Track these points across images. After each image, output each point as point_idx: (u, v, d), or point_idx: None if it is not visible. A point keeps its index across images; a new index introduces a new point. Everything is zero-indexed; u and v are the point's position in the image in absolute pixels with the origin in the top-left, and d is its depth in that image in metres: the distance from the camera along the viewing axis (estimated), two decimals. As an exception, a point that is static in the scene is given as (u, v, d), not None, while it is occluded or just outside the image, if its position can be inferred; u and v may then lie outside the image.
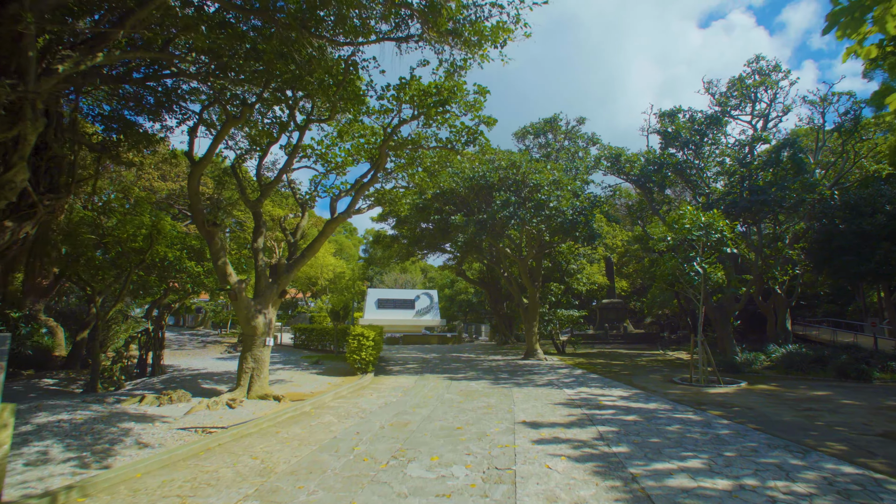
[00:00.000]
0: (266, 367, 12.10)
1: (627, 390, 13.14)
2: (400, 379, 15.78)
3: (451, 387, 13.75)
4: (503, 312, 34.22)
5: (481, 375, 16.70)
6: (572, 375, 16.79)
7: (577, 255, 26.47)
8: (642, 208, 22.12)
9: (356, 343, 16.34)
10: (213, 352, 26.06)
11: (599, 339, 34.90)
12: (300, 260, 13.23)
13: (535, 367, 19.48)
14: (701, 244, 14.95)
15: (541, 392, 12.71)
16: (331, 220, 13.26)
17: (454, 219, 18.50)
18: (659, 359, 23.70)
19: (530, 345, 23.38)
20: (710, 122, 18.46)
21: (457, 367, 19.77)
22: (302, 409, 10.08)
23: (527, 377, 16.23)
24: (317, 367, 18.47)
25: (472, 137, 14.67)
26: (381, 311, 50.47)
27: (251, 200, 13.30)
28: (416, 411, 10.02)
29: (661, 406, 10.66)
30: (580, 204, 19.11)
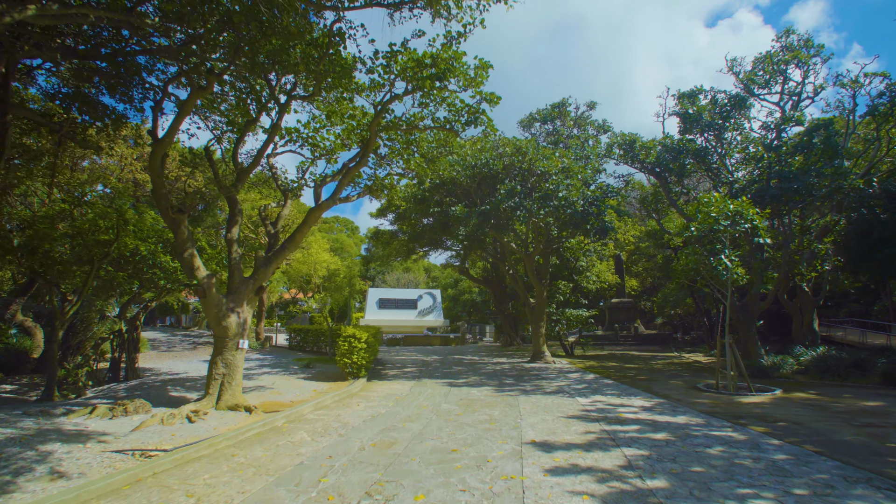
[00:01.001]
0: (239, 373, 10.68)
1: (649, 399, 11.62)
2: (394, 385, 14.33)
3: (450, 395, 12.28)
4: (508, 312, 32.73)
5: (484, 381, 15.23)
6: (584, 381, 15.28)
7: (586, 252, 24.91)
8: (657, 200, 20.57)
9: (347, 345, 14.91)
10: (202, 353, 24.72)
11: (609, 341, 33.31)
12: (280, 252, 11.81)
13: (542, 372, 17.98)
14: (728, 235, 13.41)
15: (551, 402, 11.21)
16: (314, 207, 11.83)
17: (455, 210, 17.04)
18: (675, 362, 22.13)
19: (537, 347, 21.88)
20: (733, 104, 16.88)
21: (458, 370, 18.30)
22: (273, 423, 8.64)
23: (534, 383, 14.74)
24: (306, 372, 17.06)
25: (473, 117, 13.21)
26: (383, 311, 49.11)
27: (225, 186, 11.90)
28: (407, 426, 8.56)
29: (692, 420, 9.14)
30: (592, 194, 17.60)
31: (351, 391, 12.60)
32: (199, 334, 33.79)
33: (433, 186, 19.12)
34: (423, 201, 19.71)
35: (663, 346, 31.62)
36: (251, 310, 11.42)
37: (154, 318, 43.33)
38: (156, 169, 10.08)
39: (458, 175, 17.91)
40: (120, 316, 15.63)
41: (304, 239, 15.11)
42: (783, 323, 24.77)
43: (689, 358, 23.78)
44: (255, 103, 12.29)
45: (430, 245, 29.42)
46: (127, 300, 15.76)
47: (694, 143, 18.03)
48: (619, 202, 19.27)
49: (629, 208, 40.53)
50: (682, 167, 18.09)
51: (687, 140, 17.76)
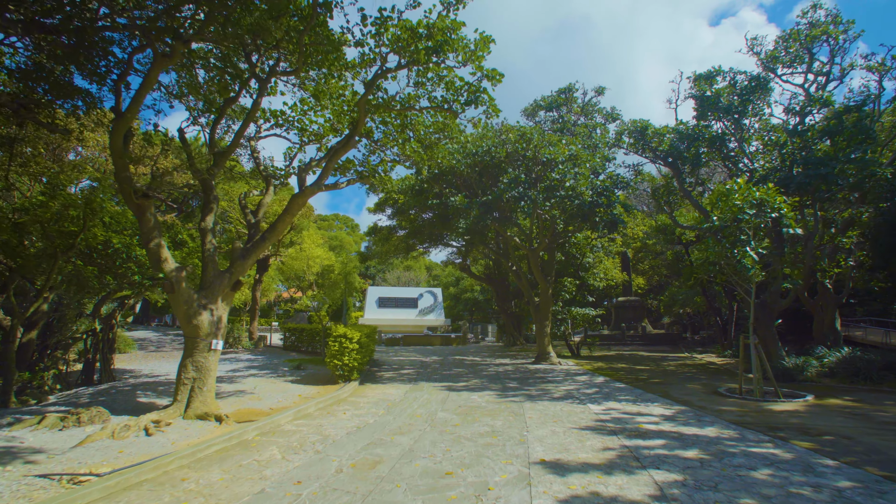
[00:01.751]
0: (211, 378, 9.57)
1: (668, 406, 10.46)
2: (388, 389, 13.20)
3: (449, 401, 11.14)
4: (511, 311, 31.58)
5: (486, 384, 14.09)
6: (594, 384, 14.13)
7: (593, 247, 23.73)
8: (669, 192, 19.39)
9: (337, 346, 13.80)
10: (192, 354, 23.65)
11: (616, 341, 32.12)
12: (259, 244, 10.69)
13: (548, 374, 16.83)
14: (752, 226, 12.24)
15: (560, 409, 10.06)
16: (297, 194, 10.70)
17: (454, 200, 15.90)
18: (688, 363, 20.94)
19: (542, 347, 20.72)
20: (754, 85, 15.68)
21: (458, 372, 17.17)
22: (243, 436, 7.52)
23: (540, 387, 13.59)
24: (295, 374, 15.95)
25: (473, 96, 12.07)
26: (383, 310, 48.04)
27: (199, 169, 10.78)
28: (396, 440, 7.42)
29: (722, 432, 7.98)
30: (601, 184, 16.43)
31: (339, 396, 11.47)
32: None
33: (432, 177, 17.97)
34: (421, 193, 18.56)
35: (672, 346, 30.42)
36: (227, 307, 10.30)
37: (148, 317, 42.34)
38: (117, 148, 8.96)
39: (457, 164, 16.76)
40: (93, 314, 14.54)
41: (287, 230, 13.90)
42: (801, 322, 23.54)
43: (701, 359, 22.59)
44: (233, 80, 11.19)
45: (429, 241, 28.30)
46: (101, 297, 14.67)
47: (710, 130, 16.83)
48: (627, 195, 18.05)
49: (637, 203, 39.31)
50: (697, 155, 16.89)
51: (703, 126, 16.55)
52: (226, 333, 9.76)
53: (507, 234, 18.90)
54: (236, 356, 22.63)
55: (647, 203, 38.27)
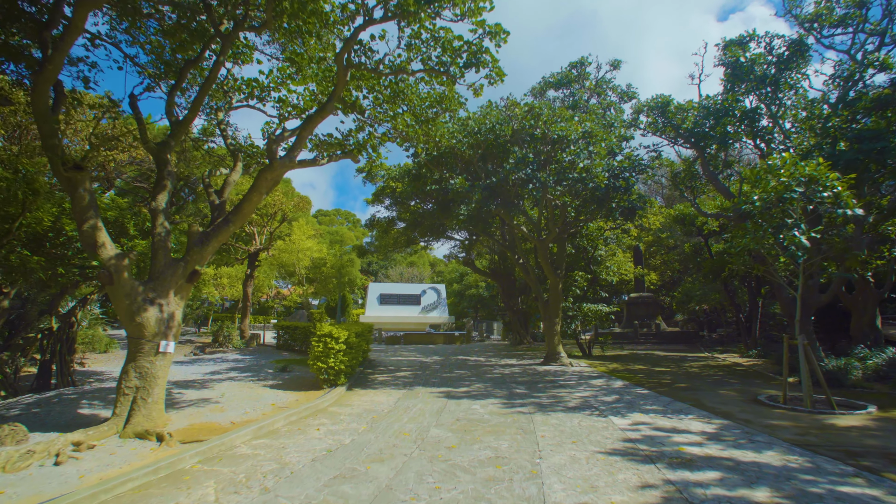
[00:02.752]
0: (159, 387, 7.97)
1: (706, 420, 8.76)
2: (379, 396, 11.58)
3: (445, 412, 9.50)
4: (517, 308, 29.88)
5: (490, 390, 12.44)
6: (612, 390, 12.44)
7: (606, 239, 21.96)
8: (692, 177, 17.62)
9: (321, 347, 12.21)
10: (177, 353, 22.18)
11: (629, 339, 30.35)
12: (222, 227, 9.06)
13: (559, 377, 15.15)
14: (799, 206, 10.49)
15: (578, 424, 8.39)
16: (265, 168, 9.05)
17: (454, 182, 14.21)
18: (711, 364, 19.18)
19: (551, 346, 19.04)
20: (793, 52, 13.86)
21: (460, 375, 15.53)
22: (178, 464, 5.91)
23: (552, 393, 11.92)
24: (278, 377, 14.38)
25: (473, 58, 10.40)
26: (384, 307, 46.52)
27: (151, 142, 9.17)
28: (372, 472, 5.79)
29: (788, 459, 6.28)
30: (618, 165, 14.68)
31: (318, 406, 9.85)
32: (184, 332, 31.32)
33: (430, 160, 16.29)
34: (418, 178, 16.89)
35: (689, 344, 28.62)
36: (182, 301, 8.70)
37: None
38: (40, 109, 7.37)
39: (458, 143, 15.08)
40: (50, 311, 13.02)
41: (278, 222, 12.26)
42: (833, 319, 21.69)
43: (724, 359, 20.81)
44: (192, 40, 9.57)
45: (430, 234, 26.65)
46: (57, 292, 13.13)
47: (741, 105, 15.03)
48: (643, 183, 16.28)
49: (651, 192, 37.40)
50: (724, 133, 15.11)
51: (733, 98, 14.76)
52: (179, 333, 8.12)
53: (514, 224, 17.21)
54: (223, 356, 21.14)
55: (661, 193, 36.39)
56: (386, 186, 22.88)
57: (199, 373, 15.39)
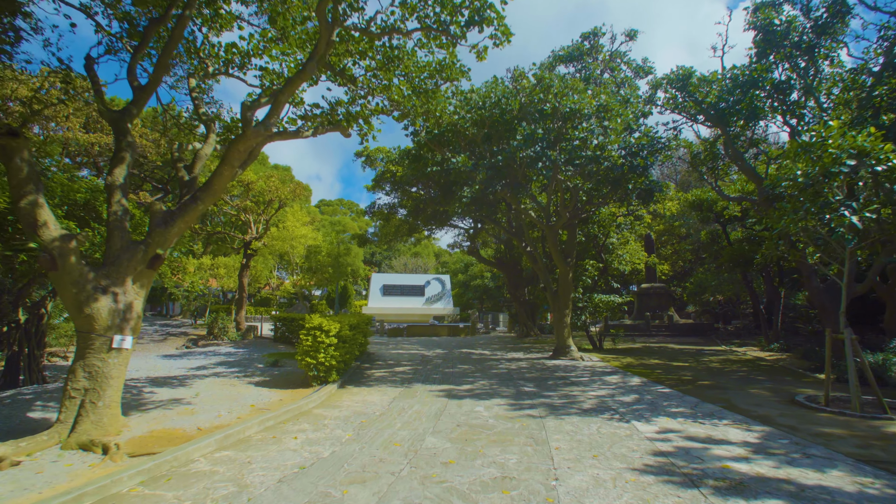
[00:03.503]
0: (112, 388, 6.91)
1: (744, 426, 7.60)
2: (372, 395, 10.50)
3: (445, 415, 8.40)
4: (524, 299, 28.74)
5: (496, 388, 11.34)
6: (630, 388, 11.30)
7: (620, 226, 20.71)
8: (714, 157, 16.31)
9: (310, 341, 11.13)
10: (169, 346, 21.28)
11: (640, 331, 29.15)
12: (189, 206, 7.95)
13: (570, 372, 14.03)
14: (845, 183, 9.23)
15: (597, 431, 7.26)
16: (239, 137, 7.89)
17: (456, 161, 13.00)
18: (731, 359, 17.99)
19: (561, 339, 17.90)
20: (833, 13, 12.47)
21: (463, 370, 14.44)
22: (113, 487, 4.84)
23: (564, 391, 10.79)
24: (266, 373, 13.36)
25: (476, 15, 9.17)
26: (388, 298, 45.54)
27: (109, 109, 8.04)
28: (349, 496, 4.70)
29: (863, 482, 5.12)
30: (636, 142, 13.41)
31: (302, 408, 8.78)
32: (181, 324, 30.44)
33: (431, 139, 15.08)
34: (418, 159, 15.70)
35: (704, 337, 27.39)
36: (143, 290, 7.61)
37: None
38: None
39: (460, 120, 13.86)
40: (15, 302, 11.99)
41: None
42: (865, 310, 20.38)
43: (744, 353, 19.59)
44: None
45: (433, 221, 25.50)
46: (26, 282, 12.10)
47: (771, 76, 13.69)
48: (659, 167, 14.98)
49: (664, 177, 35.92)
50: (753, 108, 13.78)
51: (762, 69, 13.41)
52: (138, 326, 7.00)
53: (521, 208, 15.99)
54: (216, 350, 20.19)
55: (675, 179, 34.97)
56: (385, 171, 21.70)
57: (183, 368, 14.41)
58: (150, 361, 16.12)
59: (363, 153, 22.73)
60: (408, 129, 15.22)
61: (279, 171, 30.10)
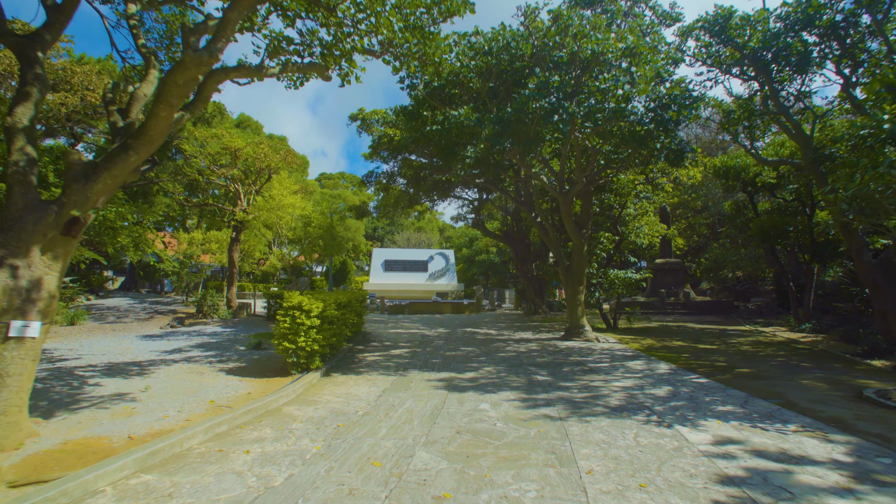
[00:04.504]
0: (12, 388, 5.37)
1: (820, 434, 6.01)
2: (359, 386, 8.99)
3: (442, 416, 6.86)
4: (532, 274, 27.11)
5: (503, 376, 9.80)
6: (659, 377, 9.72)
7: (640, 194, 18.85)
8: (751, 114, 14.37)
9: (288, 322, 9.60)
10: (153, 325, 19.93)
11: (655, 309, 27.57)
12: (117, 156, 6.25)
13: (587, 356, 12.47)
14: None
15: (635, 442, 5.68)
16: (176, 66, 6.13)
17: (457, 114, 11.17)
18: (762, 340, 16.39)
19: (574, 318, 16.33)
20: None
21: (467, 354, 12.93)
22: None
23: (583, 381, 9.23)
24: (245, 357, 11.91)
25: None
26: (389, 273, 44.18)
27: (14, 34, 6.29)
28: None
29: None
30: (667, 92, 11.51)
31: (271, 405, 7.26)
32: (171, 301, 29.11)
33: (430, 93, 13.20)
34: (416, 116, 13.86)
35: (723, 315, 25.77)
36: (59, 263, 6.00)
37: (135, 284, 38.87)
38: None
39: (462, 69, 11.98)
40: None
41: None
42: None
43: (772, 333, 17.97)
44: None
45: (436, 192, 23.72)
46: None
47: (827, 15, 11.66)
48: (692, 120, 12.99)
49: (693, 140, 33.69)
50: (805, 53, 11.79)
51: (818, 5, 11.39)
52: (53, 308, 5.37)
53: (532, 172, 14.18)
54: (202, 329, 18.83)
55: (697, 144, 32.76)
56: (383, 136, 19.85)
57: (156, 351, 12.99)
58: (123, 343, 14.73)
59: (358, 116, 20.83)
60: (404, 83, 13.34)
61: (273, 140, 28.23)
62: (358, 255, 53.67)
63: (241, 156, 20.95)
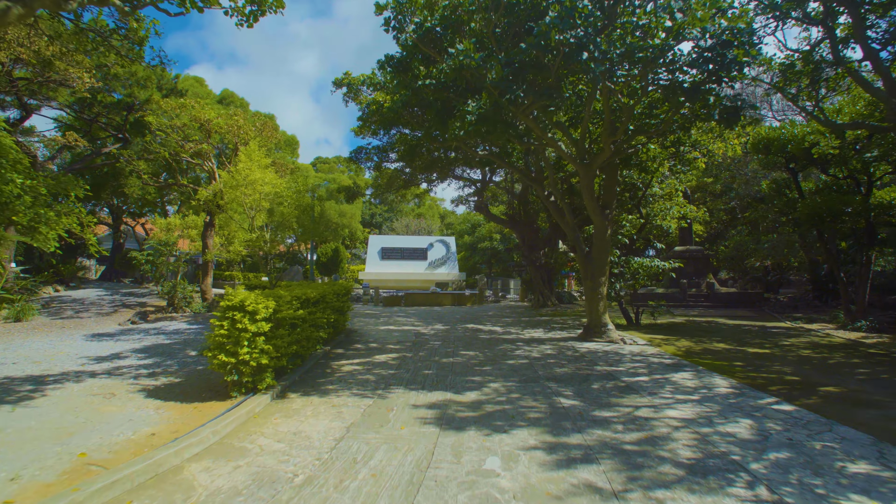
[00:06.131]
0: None
1: None
2: (316, 421, 6.50)
3: (429, 484, 4.35)
4: (540, 263, 24.54)
5: (516, 400, 7.28)
6: (723, 400, 7.19)
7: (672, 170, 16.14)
8: (817, 68, 11.69)
9: (227, 327, 7.13)
10: (112, 321, 17.51)
11: (676, 302, 25.03)
12: None
13: (616, 364, 9.94)
14: None
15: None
16: None
17: (456, 51, 8.50)
18: (818, 342, 13.87)
19: (595, 315, 13.81)
20: None
21: (468, 361, 10.43)
22: None
23: (624, 410, 6.70)
24: (182, 370, 9.46)
25: None
26: (387, 262, 41.62)
27: None
28: None
29: None
30: (729, 24, 8.84)
31: (164, 464, 4.76)
32: (145, 292, 26.67)
33: (421, 36, 10.52)
34: (404, 68, 11.17)
35: (753, 309, 23.23)
36: None
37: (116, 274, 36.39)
38: None
39: (463, 2, 9.31)
40: None
41: None
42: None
43: (828, 334, 15.42)
44: None
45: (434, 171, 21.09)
46: None
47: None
48: (739, 79, 10.26)
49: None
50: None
51: None
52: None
53: (549, 137, 11.52)
54: (164, 326, 16.41)
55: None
56: (371, 103, 17.17)
57: (84, 358, 10.55)
58: (59, 346, 12.33)
59: (343, 81, 18.10)
60: (389, 26, 10.65)
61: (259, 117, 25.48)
62: (354, 242, 51.14)
63: (212, 128, 18.31)
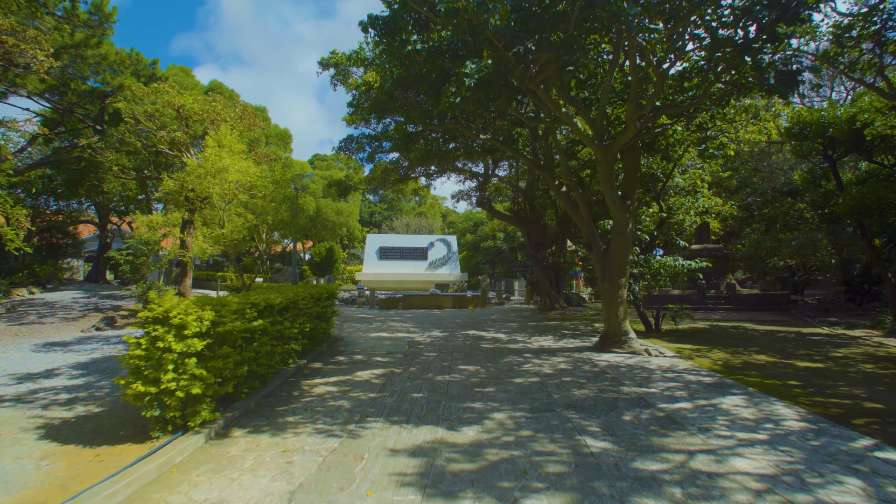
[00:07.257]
0: None
1: None
2: (252, 481, 4.71)
3: None
4: (548, 262, 22.71)
5: (527, 441, 5.47)
6: (802, 441, 5.36)
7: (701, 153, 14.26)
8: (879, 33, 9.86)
9: (146, 347, 5.37)
10: (75, 328, 15.81)
11: (694, 304, 23.12)
12: None
13: (648, 385, 8.12)
14: None
15: None
16: None
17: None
18: (873, 352, 12.01)
19: (614, 322, 11.99)
20: None
21: (467, 377, 8.63)
22: None
23: (677, 460, 4.88)
24: (111, 395, 7.70)
25: None
26: (385, 262, 39.88)
27: None
28: None
29: None
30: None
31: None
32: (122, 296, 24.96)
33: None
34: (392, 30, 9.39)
35: (780, 312, 21.31)
36: None
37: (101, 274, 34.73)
38: None
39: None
40: None
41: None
42: None
43: (881, 343, 13.55)
44: None
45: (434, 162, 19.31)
46: None
47: None
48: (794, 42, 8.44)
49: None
50: None
51: None
52: None
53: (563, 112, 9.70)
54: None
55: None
56: (361, 85, 15.40)
57: (8, 376, 8.83)
58: (24, 355, 10.65)
59: (330, 61, 16.34)
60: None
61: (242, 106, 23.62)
62: (353, 242, 49.43)
63: (187, 114, 16.58)
